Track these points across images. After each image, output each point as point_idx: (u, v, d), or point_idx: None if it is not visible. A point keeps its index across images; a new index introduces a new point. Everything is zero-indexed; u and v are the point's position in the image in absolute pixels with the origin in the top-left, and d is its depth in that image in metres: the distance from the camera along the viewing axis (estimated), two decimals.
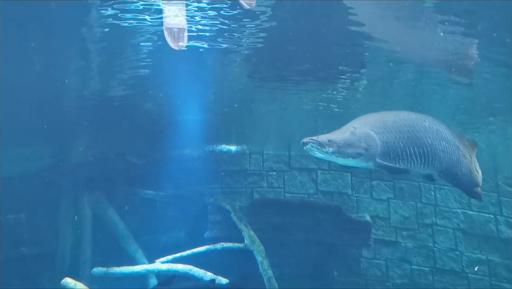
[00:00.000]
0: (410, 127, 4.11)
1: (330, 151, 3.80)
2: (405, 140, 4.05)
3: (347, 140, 3.89)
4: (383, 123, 4.05)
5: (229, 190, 10.70)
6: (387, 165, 3.96)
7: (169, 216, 10.19)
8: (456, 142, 4.36)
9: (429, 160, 4.11)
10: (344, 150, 3.84)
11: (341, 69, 7.35)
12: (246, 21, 5.47)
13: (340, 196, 10.44)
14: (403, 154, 4.04)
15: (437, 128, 4.23)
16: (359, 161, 3.92)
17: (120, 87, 8.89)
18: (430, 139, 4.13)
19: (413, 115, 4.22)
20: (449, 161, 4.22)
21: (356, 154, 3.87)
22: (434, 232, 9.91)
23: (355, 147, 3.87)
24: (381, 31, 5.53)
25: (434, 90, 8.36)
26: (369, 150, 3.91)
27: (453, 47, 5.66)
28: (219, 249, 8.79)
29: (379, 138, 3.98)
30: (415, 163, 4.08)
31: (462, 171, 4.36)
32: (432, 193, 10.10)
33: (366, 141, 3.92)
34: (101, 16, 5.29)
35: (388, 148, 3.99)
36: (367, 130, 3.99)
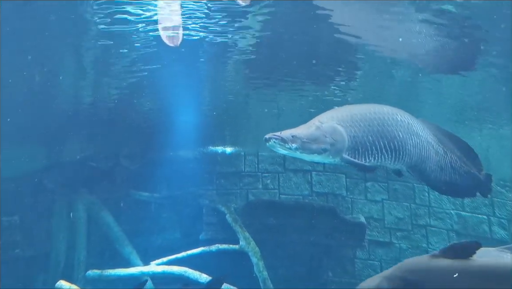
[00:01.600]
0: (381, 120, 3.94)
1: (294, 147, 3.65)
2: (375, 135, 3.89)
3: (312, 136, 3.73)
4: (351, 116, 3.89)
5: (224, 191, 10.69)
6: (353, 161, 3.81)
7: (164, 217, 10.17)
8: (429, 138, 4.22)
9: (400, 155, 3.98)
10: (308, 146, 3.69)
11: (335, 70, 7.42)
12: (240, 23, 5.52)
13: (335, 197, 10.47)
14: (372, 149, 3.87)
15: (408, 122, 4.08)
16: (325, 156, 3.78)
17: (115, 90, 8.89)
18: (401, 133, 3.98)
19: (385, 109, 4.07)
20: (419, 156, 4.10)
21: (321, 149, 3.72)
22: (428, 233, 9.96)
23: (320, 142, 3.72)
24: (362, 29, 5.52)
25: (428, 91, 8.44)
26: (335, 145, 3.75)
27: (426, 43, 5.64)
28: (214, 250, 8.78)
29: (347, 132, 3.81)
30: (385, 158, 3.95)
31: (431, 167, 4.21)
32: (425, 194, 10.17)
33: (332, 136, 3.76)
34: (96, 20, 5.31)
35: (356, 143, 3.83)
36: (333, 124, 3.83)
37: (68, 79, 8.17)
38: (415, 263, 3.47)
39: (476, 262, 3.13)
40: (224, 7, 4.93)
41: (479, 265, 3.11)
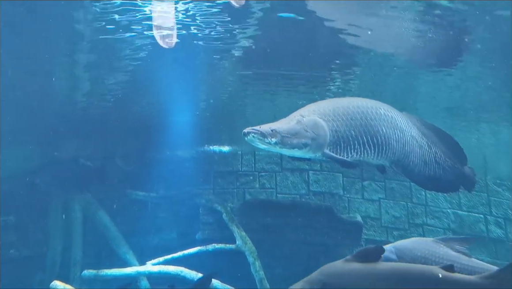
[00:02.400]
0: (363, 114, 3.81)
1: (273, 141, 3.52)
2: (358, 129, 3.77)
3: (292, 130, 3.60)
4: (333, 110, 3.77)
5: (221, 190, 10.66)
6: (335, 157, 3.69)
7: (160, 217, 10.13)
8: (413, 132, 4.11)
9: (383, 150, 3.88)
10: (288, 140, 3.56)
11: (330, 68, 7.41)
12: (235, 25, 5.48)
13: (332, 197, 10.46)
14: (355, 144, 3.76)
15: (392, 116, 3.96)
16: (306, 151, 3.65)
17: (110, 89, 8.87)
18: (385, 128, 3.87)
19: (368, 102, 3.95)
20: (402, 151, 4.00)
21: (301, 144, 3.59)
22: (425, 232, 9.96)
23: (300, 137, 3.58)
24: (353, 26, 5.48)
25: (425, 89, 8.45)
26: (317, 139, 3.62)
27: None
28: (211, 250, 8.75)
29: (329, 126, 3.68)
30: (368, 153, 3.84)
31: (415, 162, 4.11)
32: (422, 193, 10.17)
33: (313, 130, 3.63)
34: (91, 17, 5.26)
35: (338, 137, 3.71)
36: (315, 118, 3.70)
37: (63, 79, 8.16)
38: (332, 267, 4.00)
39: (380, 265, 3.71)
40: (219, 9, 4.89)
41: (382, 268, 3.70)
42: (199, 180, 10.61)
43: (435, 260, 4.06)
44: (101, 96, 9.28)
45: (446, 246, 4.23)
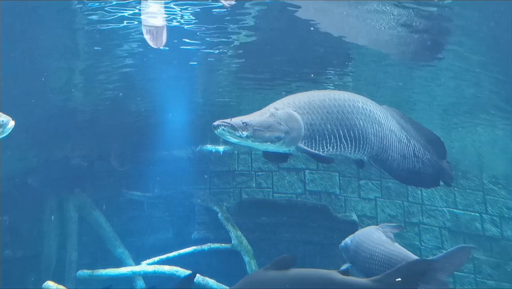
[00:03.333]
0: (340, 108, 3.69)
1: (245, 134, 3.39)
2: (334, 123, 3.64)
3: (265, 123, 3.47)
4: (309, 103, 3.63)
5: (217, 190, 10.64)
6: (309, 151, 3.56)
7: (156, 217, 10.12)
8: (391, 126, 4.01)
9: (360, 144, 3.76)
10: (260, 134, 3.42)
11: (325, 68, 7.42)
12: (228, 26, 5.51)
13: (328, 196, 10.45)
14: (331, 138, 3.63)
15: (370, 109, 3.84)
16: (279, 145, 3.52)
17: (105, 89, 8.86)
18: (362, 121, 3.74)
19: (345, 95, 3.80)
20: (381, 145, 3.89)
21: (274, 138, 3.46)
22: (421, 231, 9.97)
23: (273, 130, 3.45)
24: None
25: (421, 86, 8.46)
26: (291, 133, 3.50)
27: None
28: (206, 249, 8.75)
29: (303, 120, 3.56)
30: (344, 147, 3.73)
31: (394, 156, 3.99)
32: (418, 192, 10.17)
33: (287, 123, 3.50)
34: (85, 21, 5.31)
35: (313, 131, 3.59)
36: (289, 111, 3.56)
37: (57, 78, 8.16)
38: (254, 276, 4.70)
39: (289, 272, 4.23)
40: (208, 9, 4.93)
41: (289, 274, 4.22)
42: (195, 179, 10.60)
43: (370, 243, 4.85)
44: (96, 96, 9.28)
45: (383, 233, 4.91)
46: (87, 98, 9.45)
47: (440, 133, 11.95)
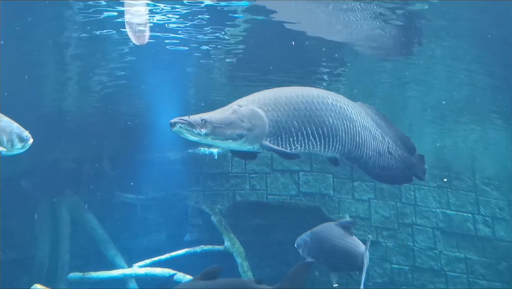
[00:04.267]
0: (308, 104, 3.57)
1: (203, 132, 3.26)
2: (301, 119, 3.53)
3: (226, 120, 3.35)
4: (274, 99, 3.51)
5: (211, 192, 10.60)
6: (274, 148, 3.46)
7: (149, 219, 10.07)
8: (365, 123, 3.92)
9: (330, 141, 3.65)
10: (221, 131, 3.30)
11: (317, 67, 7.44)
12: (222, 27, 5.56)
13: (322, 197, 10.44)
14: (298, 135, 3.52)
15: (341, 106, 3.73)
16: (242, 143, 3.40)
17: (97, 92, 8.85)
18: (332, 118, 3.63)
19: (314, 91, 3.70)
20: (353, 142, 3.78)
21: (236, 135, 3.34)
22: (414, 232, 9.97)
23: (235, 128, 3.33)
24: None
25: (411, 87, 8.49)
26: (254, 130, 3.38)
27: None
28: (199, 251, 8.72)
29: (268, 116, 3.44)
30: (313, 145, 3.62)
31: (368, 153, 3.89)
32: (411, 193, 10.18)
33: (250, 120, 3.38)
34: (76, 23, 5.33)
35: (279, 128, 3.47)
36: (253, 107, 3.44)
37: (50, 81, 8.14)
38: (185, 285, 5.27)
39: (212, 282, 4.64)
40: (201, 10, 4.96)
41: (212, 283, 4.63)
42: (188, 181, 10.56)
43: (332, 238, 5.34)
44: (87, 98, 9.26)
45: (342, 228, 5.41)
46: (79, 100, 9.43)
47: (432, 134, 12.00)
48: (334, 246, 5.37)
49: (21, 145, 3.74)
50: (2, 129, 3.67)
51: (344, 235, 5.46)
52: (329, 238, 5.43)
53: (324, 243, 5.46)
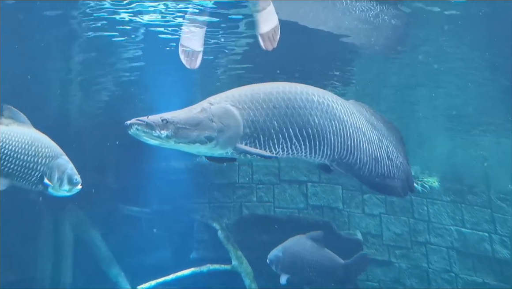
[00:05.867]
0: (291, 101, 3.11)
1: (164, 134, 2.83)
2: (282, 119, 3.07)
3: (193, 120, 2.90)
4: (251, 96, 3.07)
5: (217, 204, 10.33)
6: (249, 150, 3.00)
7: (154, 234, 9.81)
8: (358, 124, 3.42)
9: (316, 145, 3.18)
10: (185, 133, 2.86)
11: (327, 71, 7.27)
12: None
13: (331, 211, 10.15)
14: (279, 137, 3.06)
15: (329, 104, 3.22)
16: (212, 147, 2.95)
17: (100, 100, 8.73)
18: (318, 118, 3.16)
19: (298, 87, 3.23)
20: (344, 146, 3.27)
21: (204, 138, 2.90)
22: (428, 251, 9.64)
23: (203, 129, 2.89)
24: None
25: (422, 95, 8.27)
26: (225, 131, 2.94)
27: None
28: (205, 271, 8.46)
29: (243, 116, 3.00)
30: (297, 149, 3.15)
31: (363, 159, 3.39)
32: (424, 208, 9.86)
33: (221, 120, 2.94)
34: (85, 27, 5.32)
35: (256, 129, 3.02)
36: (225, 106, 3.00)
37: (54, 88, 8.01)
38: None
39: None
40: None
41: None
42: (194, 193, 10.30)
43: (305, 252, 5.54)
44: (91, 106, 9.14)
45: (312, 241, 5.69)
46: (82, 109, 9.29)
47: (445, 143, 11.71)
48: (309, 259, 5.58)
49: (68, 187, 3.81)
50: (57, 165, 3.79)
51: (316, 248, 5.78)
52: (301, 252, 5.64)
53: (297, 257, 5.65)
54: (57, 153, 3.89)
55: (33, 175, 3.76)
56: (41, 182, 3.76)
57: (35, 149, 3.79)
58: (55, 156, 3.85)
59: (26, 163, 3.75)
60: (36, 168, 3.75)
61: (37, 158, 3.77)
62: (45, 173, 3.76)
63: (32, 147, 3.79)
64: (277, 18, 4.16)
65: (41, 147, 3.83)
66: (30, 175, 3.76)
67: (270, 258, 6.14)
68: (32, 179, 3.77)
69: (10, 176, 3.74)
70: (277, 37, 4.18)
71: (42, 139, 3.89)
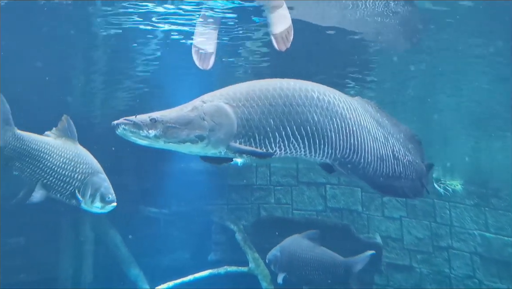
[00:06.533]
0: (288, 98, 2.99)
1: (152, 134, 2.74)
2: (279, 117, 2.95)
3: (183, 119, 2.81)
4: (246, 93, 2.97)
5: (235, 206, 10.33)
6: (243, 149, 2.87)
7: (173, 235, 9.88)
8: (363, 121, 3.26)
9: (316, 143, 3.05)
10: (175, 132, 2.76)
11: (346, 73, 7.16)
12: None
13: (350, 213, 10.01)
14: (275, 136, 2.94)
15: (329, 100, 3.11)
16: (204, 146, 2.84)
17: (122, 100, 8.81)
18: (318, 115, 3.03)
19: (297, 84, 3.10)
20: (347, 145, 3.14)
21: (194, 137, 2.79)
22: (450, 256, 9.38)
23: (193, 128, 2.79)
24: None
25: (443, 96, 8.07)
26: (217, 130, 2.84)
27: None
28: (223, 273, 8.46)
29: (237, 114, 2.89)
30: (295, 148, 3.02)
31: (368, 158, 3.23)
32: (447, 211, 9.60)
33: (213, 118, 2.84)
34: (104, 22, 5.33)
35: (251, 127, 2.91)
36: (218, 103, 2.90)
37: (77, 89, 8.13)
38: None
39: None
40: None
41: None
42: (212, 194, 10.31)
43: (301, 250, 5.63)
44: (112, 105, 9.24)
45: (308, 240, 5.77)
46: (103, 109, 9.40)
47: (469, 145, 11.39)
48: (305, 258, 5.69)
49: (100, 205, 3.89)
50: (92, 183, 3.90)
51: (312, 246, 5.92)
52: (298, 250, 5.77)
53: (293, 256, 5.78)
54: (94, 170, 3.99)
55: (67, 189, 3.89)
56: (74, 196, 3.88)
57: (73, 164, 3.92)
58: (91, 173, 3.95)
59: (63, 177, 3.88)
60: (71, 182, 3.88)
61: (74, 173, 3.88)
62: (78, 189, 3.88)
63: (71, 162, 3.92)
64: (290, 19, 4.11)
65: (79, 163, 3.95)
66: (65, 189, 3.89)
67: (269, 258, 6.31)
68: (66, 193, 3.89)
69: (47, 187, 3.89)
70: (290, 37, 4.12)
71: (81, 156, 4.02)
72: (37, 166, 3.90)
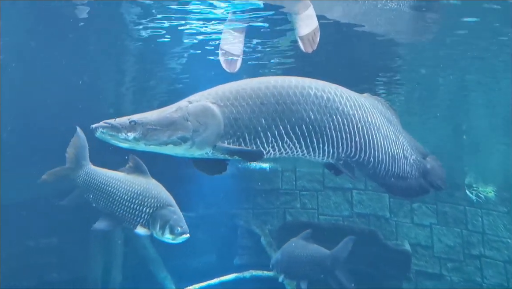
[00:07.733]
0: (282, 97, 2.82)
1: (131, 137, 2.65)
2: (271, 116, 2.78)
3: (165, 120, 2.69)
4: (236, 92, 2.82)
5: (261, 211, 10.34)
6: (230, 148, 2.73)
7: (199, 239, 9.96)
8: (370, 118, 3.04)
9: (313, 143, 2.86)
10: (156, 135, 2.66)
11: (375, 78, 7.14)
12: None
13: (377, 220, 9.83)
14: (267, 136, 2.78)
15: (329, 97, 2.91)
16: (188, 148, 2.72)
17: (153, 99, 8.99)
18: (315, 113, 2.85)
19: (293, 80, 2.91)
20: (351, 143, 2.94)
21: (177, 138, 2.68)
22: (482, 265, 9.08)
23: (175, 129, 2.68)
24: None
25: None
26: (202, 131, 2.71)
27: None
28: (248, 277, 8.47)
29: (224, 113, 2.75)
30: (291, 149, 2.85)
31: (378, 157, 3.01)
32: (479, 218, 9.31)
33: (198, 119, 2.71)
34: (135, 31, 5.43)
35: (240, 127, 2.76)
36: (204, 103, 2.76)
37: (105, 87, 8.33)
38: None
39: None
40: None
41: None
42: (238, 198, 10.36)
43: (296, 250, 6.26)
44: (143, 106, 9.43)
45: (306, 241, 6.36)
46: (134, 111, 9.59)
47: (503, 151, 11.04)
48: (300, 255, 6.28)
49: (171, 237, 3.97)
50: (161, 216, 4.00)
51: (306, 244, 6.52)
52: (295, 250, 6.35)
53: (291, 255, 6.38)
54: (163, 203, 4.09)
55: (137, 221, 4.05)
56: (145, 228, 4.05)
57: (141, 198, 4.06)
58: (160, 206, 4.06)
59: (131, 210, 4.07)
60: (140, 215, 4.04)
61: (142, 206, 4.04)
62: (147, 222, 4.02)
63: (139, 196, 4.07)
64: (316, 21, 4.09)
65: (148, 197, 4.08)
66: (135, 221, 4.06)
67: (272, 262, 6.87)
68: (136, 224, 4.07)
69: (118, 218, 4.16)
70: (317, 39, 4.10)
71: (151, 190, 4.14)
72: (107, 199, 4.18)
